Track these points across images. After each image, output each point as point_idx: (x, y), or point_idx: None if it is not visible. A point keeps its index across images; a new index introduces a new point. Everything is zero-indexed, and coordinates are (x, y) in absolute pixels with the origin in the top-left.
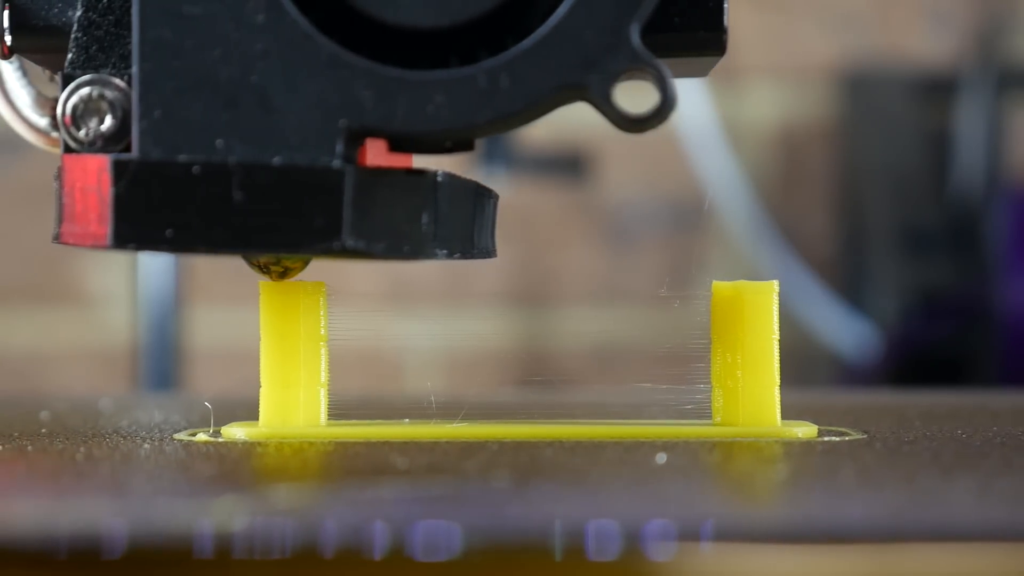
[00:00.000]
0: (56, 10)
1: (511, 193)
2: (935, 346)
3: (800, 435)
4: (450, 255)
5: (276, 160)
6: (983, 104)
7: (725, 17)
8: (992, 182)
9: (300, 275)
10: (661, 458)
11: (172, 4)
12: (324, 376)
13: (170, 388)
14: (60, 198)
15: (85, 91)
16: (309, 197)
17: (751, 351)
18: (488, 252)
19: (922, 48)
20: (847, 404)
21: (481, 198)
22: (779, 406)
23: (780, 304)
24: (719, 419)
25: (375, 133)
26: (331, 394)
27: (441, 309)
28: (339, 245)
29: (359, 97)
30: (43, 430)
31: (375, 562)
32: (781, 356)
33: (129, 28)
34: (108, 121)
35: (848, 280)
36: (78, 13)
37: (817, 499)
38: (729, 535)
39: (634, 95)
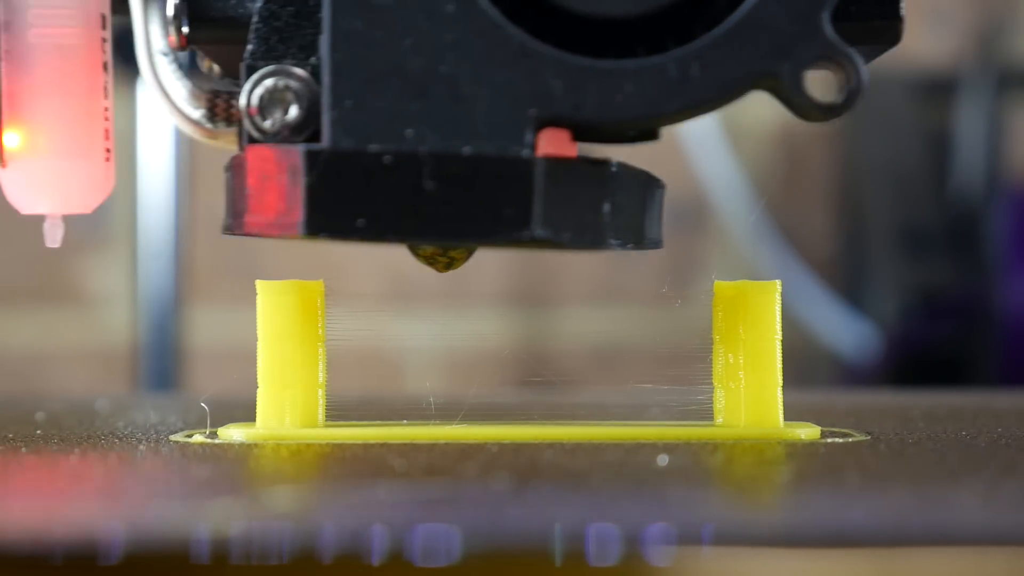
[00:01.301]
0: (233, 2)
1: None
2: (935, 346)
3: (803, 436)
4: (623, 246)
5: (466, 150)
6: (983, 104)
7: (902, 5)
8: (992, 182)
9: (297, 275)
10: (662, 460)
11: None
12: (322, 377)
13: (170, 388)
14: (239, 189)
15: (270, 81)
16: (499, 187)
17: (754, 351)
18: (657, 243)
19: (922, 48)
20: (848, 405)
21: (651, 188)
22: (782, 407)
23: (780, 304)
24: (721, 420)
25: (564, 122)
26: (329, 395)
27: (441, 309)
28: (528, 235)
29: (549, 86)
30: (38, 431)
31: (374, 567)
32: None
33: (309, 19)
34: (293, 111)
35: (848, 280)
36: (258, 5)
37: (821, 502)
38: (731, 539)
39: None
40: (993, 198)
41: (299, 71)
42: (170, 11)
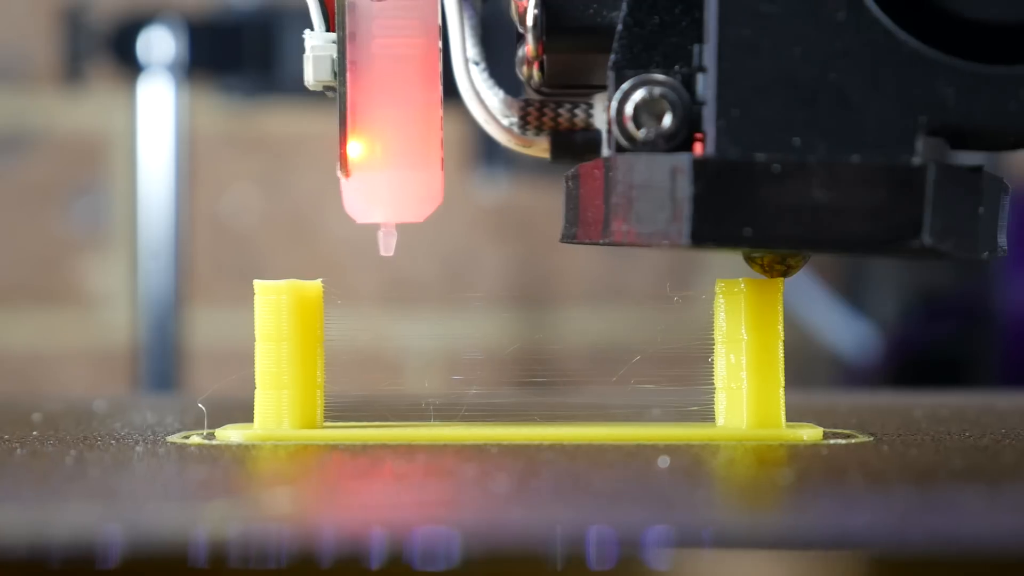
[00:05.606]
0: (591, 11)
1: (511, 193)
2: (935, 346)
3: (805, 438)
4: (990, 255)
5: (854, 158)
6: None
7: None
8: None
9: (296, 275)
10: (663, 461)
11: (751, 3)
12: (320, 377)
13: (170, 389)
14: (594, 198)
15: (645, 90)
16: (890, 195)
17: (756, 352)
18: (1004, 251)
19: None
20: (850, 405)
21: (1004, 195)
22: (784, 408)
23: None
24: (723, 421)
25: (954, 129)
26: (327, 395)
27: (441, 309)
28: (918, 244)
29: (941, 94)
30: (34, 432)
31: (373, 571)
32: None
33: (673, 28)
34: (667, 120)
35: (848, 280)
36: (622, 14)
37: (823, 504)
38: (733, 541)
39: None
40: None
41: (667, 79)
42: (530, 21)
